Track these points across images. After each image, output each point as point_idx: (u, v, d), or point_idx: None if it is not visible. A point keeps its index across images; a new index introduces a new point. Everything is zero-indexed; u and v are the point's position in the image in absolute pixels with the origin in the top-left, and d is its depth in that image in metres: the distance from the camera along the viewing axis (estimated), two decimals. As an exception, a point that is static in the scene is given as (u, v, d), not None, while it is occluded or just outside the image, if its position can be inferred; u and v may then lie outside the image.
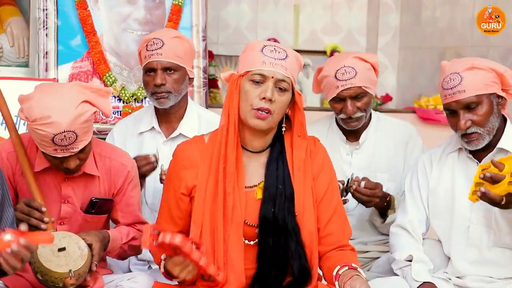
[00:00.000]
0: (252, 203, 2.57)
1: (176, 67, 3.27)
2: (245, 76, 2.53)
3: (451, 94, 2.77)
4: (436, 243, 2.97)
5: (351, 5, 5.56)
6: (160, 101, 3.27)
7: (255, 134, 2.57)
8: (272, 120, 2.52)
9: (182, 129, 3.34)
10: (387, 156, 3.31)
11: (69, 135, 2.57)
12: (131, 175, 2.90)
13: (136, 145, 3.37)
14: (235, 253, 2.52)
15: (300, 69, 2.64)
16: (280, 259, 2.53)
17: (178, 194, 2.61)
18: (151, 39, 3.29)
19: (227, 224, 2.52)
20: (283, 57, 2.53)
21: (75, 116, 2.57)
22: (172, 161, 2.67)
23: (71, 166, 2.68)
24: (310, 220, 2.58)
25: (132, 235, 2.90)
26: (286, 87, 2.52)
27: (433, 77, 5.24)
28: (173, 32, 3.43)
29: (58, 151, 2.60)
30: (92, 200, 2.83)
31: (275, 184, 2.56)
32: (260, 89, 2.50)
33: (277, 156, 2.59)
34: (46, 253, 2.55)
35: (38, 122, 2.55)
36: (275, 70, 2.50)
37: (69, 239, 2.62)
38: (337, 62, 3.25)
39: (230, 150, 2.53)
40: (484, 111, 2.76)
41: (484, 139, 2.78)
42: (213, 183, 2.56)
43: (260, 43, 2.58)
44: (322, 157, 2.66)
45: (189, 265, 2.42)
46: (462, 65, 2.80)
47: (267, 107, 2.49)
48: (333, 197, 2.65)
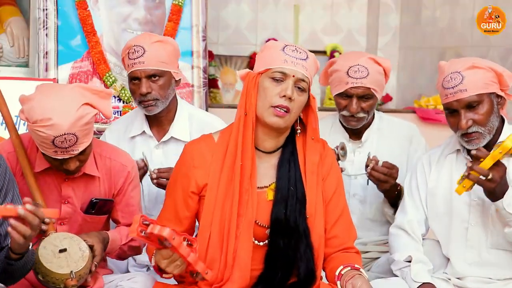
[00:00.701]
0: (263, 204, 2.57)
1: (160, 73, 3.22)
2: (265, 74, 2.53)
3: (452, 94, 2.76)
4: (436, 244, 2.97)
5: (351, 5, 5.57)
6: (148, 109, 3.25)
7: (269, 134, 2.57)
8: (290, 119, 2.53)
9: (174, 132, 3.32)
10: (389, 155, 3.31)
11: (69, 137, 2.56)
12: (131, 176, 2.90)
13: (129, 149, 3.32)
14: (244, 253, 2.52)
15: (316, 72, 2.65)
16: (288, 261, 2.53)
17: (188, 193, 2.60)
18: (132, 46, 3.22)
19: (239, 223, 2.52)
20: (304, 57, 2.54)
21: (75, 119, 2.56)
22: (180, 161, 2.65)
23: (70, 168, 2.68)
24: (320, 223, 2.59)
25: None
26: (305, 87, 2.53)
27: (433, 77, 5.23)
28: (154, 36, 3.32)
29: (58, 153, 2.60)
30: (92, 200, 2.83)
31: (287, 186, 2.56)
32: (280, 87, 2.50)
33: (289, 157, 2.59)
34: (47, 254, 2.55)
35: (38, 123, 2.55)
36: (296, 69, 2.51)
37: (70, 240, 2.62)
38: (351, 59, 3.26)
39: (249, 147, 2.53)
40: (485, 110, 2.76)
41: (484, 138, 2.78)
42: (226, 182, 2.55)
43: (281, 43, 2.59)
44: (331, 160, 2.67)
45: (176, 260, 2.40)
46: (462, 64, 2.80)
47: (286, 105, 2.49)
48: (340, 200, 2.66)
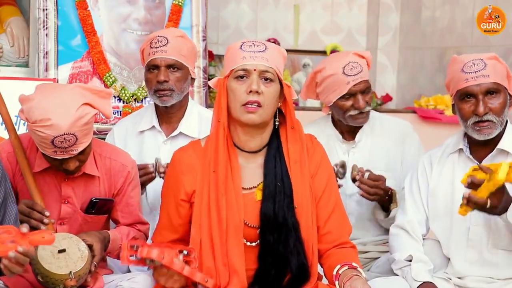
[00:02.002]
0: (252, 205, 2.57)
1: (180, 65, 3.27)
2: (230, 76, 2.55)
3: (474, 78, 2.76)
4: (436, 244, 2.97)
5: (351, 5, 5.57)
6: (163, 99, 3.27)
7: (250, 133, 2.57)
8: (264, 112, 2.52)
9: (183, 128, 3.34)
10: (384, 154, 3.31)
11: (69, 137, 2.56)
12: (131, 176, 2.90)
13: (137, 144, 3.36)
14: (236, 255, 2.53)
15: (285, 60, 2.65)
16: (280, 257, 2.53)
17: (178, 201, 2.62)
18: (155, 37, 3.29)
19: (223, 226, 2.53)
20: (262, 49, 2.55)
21: (75, 119, 2.56)
22: (170, 168, 2.68)
23: (70, 168, 2.68)
24: (308, 213, 2.58)
25: (132, 235, 2.90)
26: (271, 77, 2.53)
27: (433, 77, 5.24)
28: (178, 31, 3.43)
29: (58, 153, 2.60)
30: (92, 200, 2.83)
31: (274, 182, 2.56)
32: (246, 84, 2.52)
33: (275, 153, 2.59)
34: (46, 255, 2.55)
35: (38, 124, 2.55)
36: (256, 63, 2.52)
37: (69, 241, 2.62)
38: (340, 60, 3.26)
39: (221, 153, 2.54)
40: (501, 100, 2.78)
41: (496, 129, 2.78)
42: (211, 188, 2.56)
43: (238, 42, 2.60)
44: (320, 155, 2.66)
45: (173, 275, 2.44)
46: (483, 54, 2.83)
47: (255, 100, 2.50)
48: (332, 195, 2.65)
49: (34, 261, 2.52)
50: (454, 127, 3.91)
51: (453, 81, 2.84)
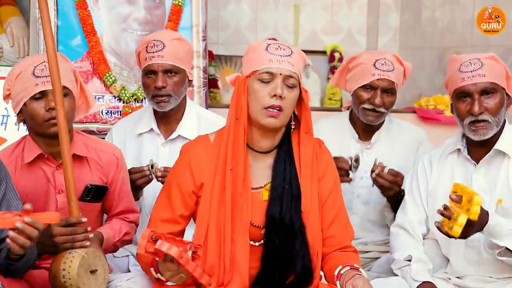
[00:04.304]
0: (258, 204, 2.56)
1: (177, 69, 3.25)
2: (252, 76, 2.53)
3: (471, 77, 2.77)
4: (436, 244, 2.97)
5: (351, 5, 5.57)
6: (160, 105, 3.25)
7: (265, 134, 2.57)
8: (284, 117, 2.52)
9: (181, 131, 3.32)
10: (396, 158, 3.29)
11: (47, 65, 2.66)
12: (121, 163, 2.94)
13: (136, 146, 3.36)
14: (241, 255, 2.52)
15: (305, 65, 2.64)
16: (285, 260, 2.53)
17: (189, 192, 2.59)
18: (151, 40, 3.26)
19: (235, 226, 2.52)
20: (288, 53, 2.53)
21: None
22: (179, 160, 2.64)
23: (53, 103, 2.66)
24: (315, 217, 2.58)
25: (124, 230, 2.93)
26: (294, 83, 2.53)
27: (433, 77, 5.24)
28: (173, 33, 3.42)
29: (39, 84, 2.70)
30: (88, 186, 2.84)
31: (282, 185, 2.55)
32: (270, 87, 2.50)
33: (285, 156, 2.58)
34: (83, 274, 2.51)
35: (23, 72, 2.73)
36: (282, 67, 2.51)
37: (99, 260, 2.58)
38: (377, 54, 3.29)
39: (240, 151, 2.53)
40: (497, 101, 2.78)
41: (492, 129, 2.78)
42: (220, 184, 2.55)
43: (263, 43, 2.58)
44: (327, 159, 2.66)
45: (181, 273, 2.41)
46: (481, 54, 2.83)
47: (278, 104, 2.49)
48: (337, 199, 2.65)
49: (69, 275, 2.48)
50: (454, 127, 3.90)
51: (451, 80, 2.85)
